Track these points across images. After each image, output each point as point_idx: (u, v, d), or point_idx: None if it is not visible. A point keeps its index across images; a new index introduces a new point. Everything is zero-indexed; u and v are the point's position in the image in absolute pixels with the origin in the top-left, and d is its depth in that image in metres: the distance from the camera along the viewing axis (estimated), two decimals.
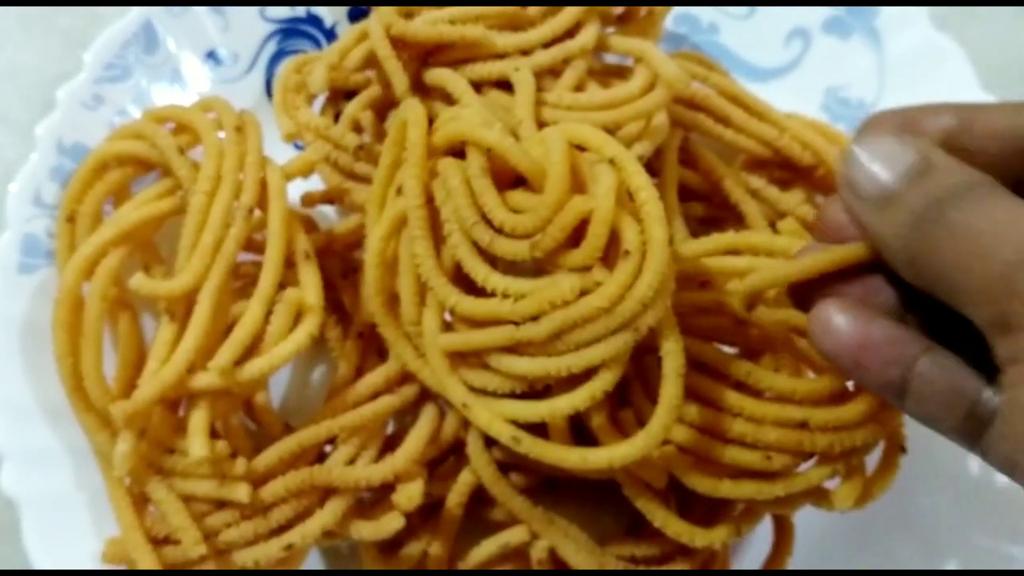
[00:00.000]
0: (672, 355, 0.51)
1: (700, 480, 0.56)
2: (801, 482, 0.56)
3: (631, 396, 0.57)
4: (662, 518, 0.57)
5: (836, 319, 0.44)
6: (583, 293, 0.49)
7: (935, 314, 0.43)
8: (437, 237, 0.54)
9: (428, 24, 0.65)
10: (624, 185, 0.50)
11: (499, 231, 0.51)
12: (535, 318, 0.50)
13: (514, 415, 0.53)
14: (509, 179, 0.53)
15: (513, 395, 0.54)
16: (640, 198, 0.50)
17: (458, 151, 0.54)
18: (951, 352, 0.43)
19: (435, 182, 0.53)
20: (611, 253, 0.50)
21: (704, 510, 0.60)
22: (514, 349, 0.52)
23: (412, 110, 0.54)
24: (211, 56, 0.79)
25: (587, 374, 0.51)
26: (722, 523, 0.59)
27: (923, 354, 0.43)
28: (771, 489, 0.56)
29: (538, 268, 0.52)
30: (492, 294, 0.52)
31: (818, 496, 0.58)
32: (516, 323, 0.51)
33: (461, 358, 0.54)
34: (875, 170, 0.42)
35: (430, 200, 0.54)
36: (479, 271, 0.52)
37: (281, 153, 0.69)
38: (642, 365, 0.57)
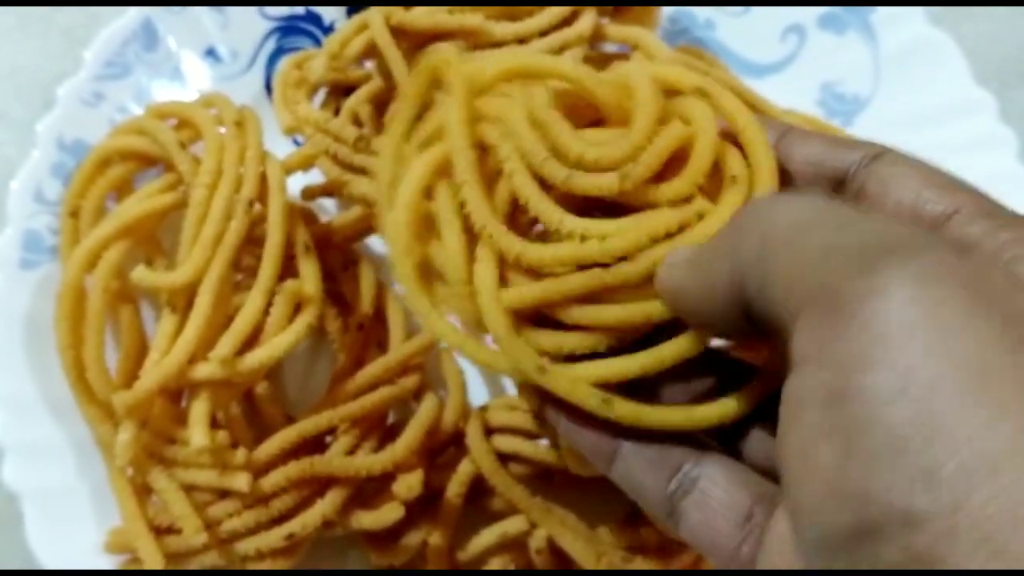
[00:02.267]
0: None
1: None
2: None
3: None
4: None
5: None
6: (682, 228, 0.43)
7: None
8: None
9: (427, 13, 0.66)
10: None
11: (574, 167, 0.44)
12: (625, 259, 0.42)
13: (606, 374, 0.43)
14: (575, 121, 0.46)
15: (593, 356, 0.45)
16: (739, 124, 0.44)
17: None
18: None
19: (483, 125, 0.46)
20: (709, 185, 0.44)
21: None
22: (598, 298, 0.43)
23: (444, 51, 0.48)
24: (211, 53, 0.80)
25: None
26: None
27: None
28: None
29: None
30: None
31: None
32: (605, 265, 0.43)
33: (523, 319, 0.45)
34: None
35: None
36: (552, 214, 0.43)
37: (281, 148, 0.69)
38: None
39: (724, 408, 0.43)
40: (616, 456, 0.43)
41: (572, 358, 0.44)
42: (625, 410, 0.42)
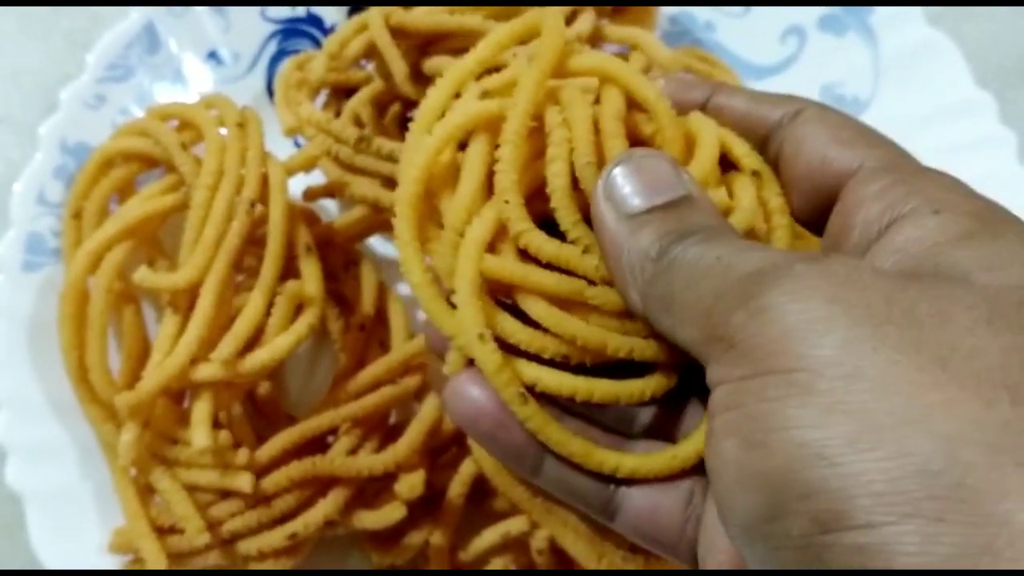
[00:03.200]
0: None
1: None
2: None
3: None
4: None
5: (470, 384, 0.41)
6: None
7: None
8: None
9: (427, 14, 0.66)
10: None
11: None
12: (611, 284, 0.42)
13: (538, 377, 0.41)
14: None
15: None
16: (775, 220, 0.44)
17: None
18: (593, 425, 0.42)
19: (550, 103, 0.44)
20: None
21: None
22: (569, 308, 0.42)
23: (553, 17, 0.45)
24: (212, 56, 0.80)
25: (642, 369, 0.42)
26: None
27: (562, 416, 0.42)
28: None
29: None
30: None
31: None
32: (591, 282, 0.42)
33: (492, 296, 0.43)
34: (632, 187, 0.40)
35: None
36: (569, 213, 0.42)
37: (282, 149, 0.69)
38: None
39: (629, 462, 0.41)
40: (544, 459, 0.42)
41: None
42: (534, 417, 0.41)
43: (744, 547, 0.32)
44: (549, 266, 0.42)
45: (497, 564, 0.63)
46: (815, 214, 0.41)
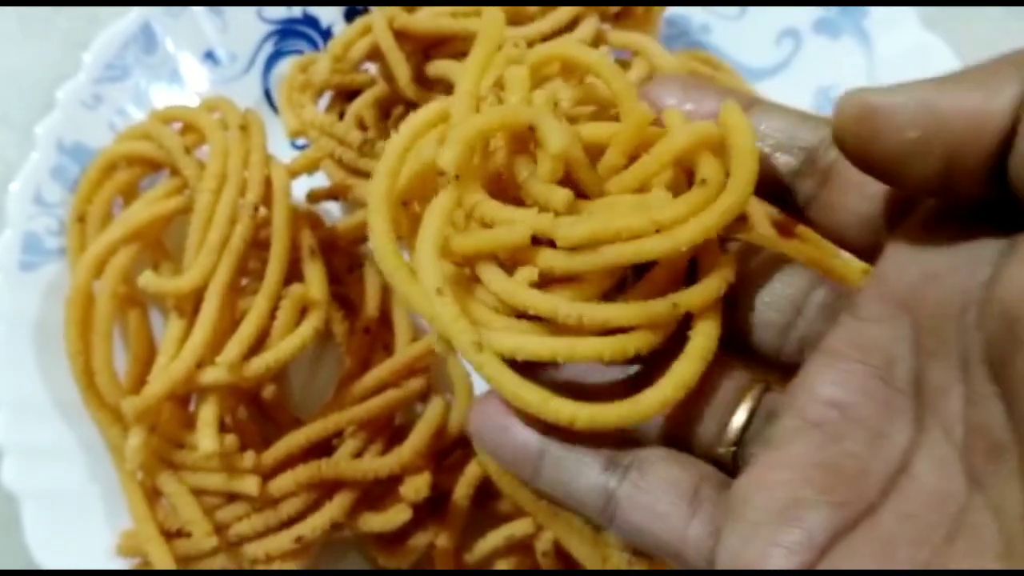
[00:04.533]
0: (705, 336, 0.41)
1: None
2: None
3: None
4: None
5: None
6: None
7: None
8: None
9: (430, 17, 0.66)
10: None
11: None
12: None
13: (517, 346, 0.39)
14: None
15: None
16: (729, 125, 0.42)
17: None
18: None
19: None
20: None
21: None
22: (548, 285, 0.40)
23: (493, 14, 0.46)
24: (209, 56, 0.80)
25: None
26: None
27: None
28: None
29: None
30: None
31: None
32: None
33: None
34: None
35: None
36: (523, 167, 0.41)
37: (284, 152, 0.70)
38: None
39: (586, 411, 0.40)
40: (542, 460, 0.40)
41: None
42: (490, 367, 0.39)
43: None
44: None
45: (502, 566, 0.64)
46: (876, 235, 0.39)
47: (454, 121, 0.42)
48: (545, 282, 0.41)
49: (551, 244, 0.40)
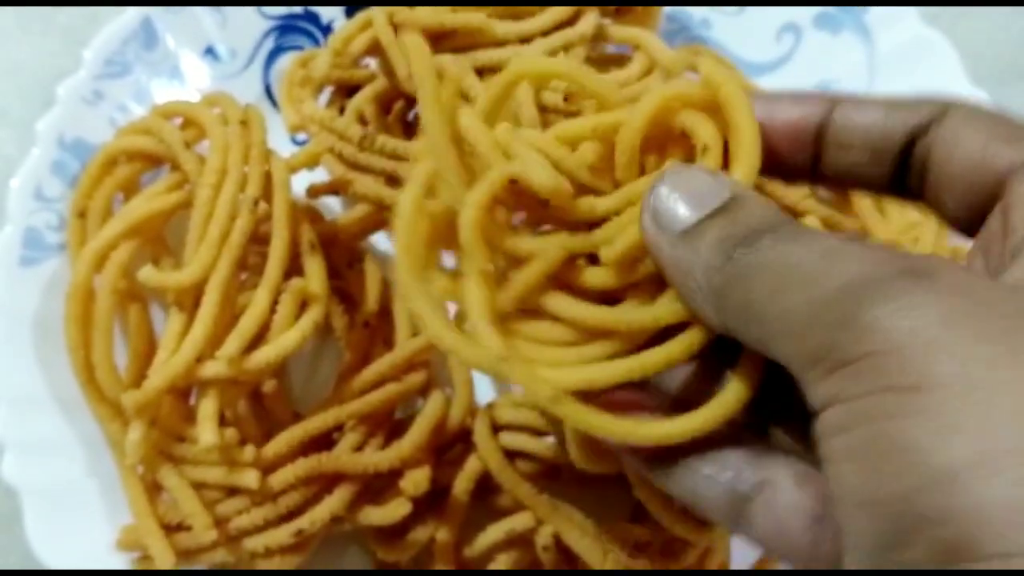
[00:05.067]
0: None
1: None
2: None
3: None
4: (669, 520, 0.58)
5: None
6: None
7: None
8: None
9: (430, 12, 0.67)
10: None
11: None
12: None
13: (586, 379, 0.41)
14: None
15: None
16: (721, 92, 0.42)
17: None
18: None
19: None
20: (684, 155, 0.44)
21: None
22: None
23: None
24: (209, 52, 0.80)
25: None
26: None
27: None
28: None
29: None
30: None
31: None
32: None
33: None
34: (681, 206, 0.38)
35: None
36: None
37: (284, 147, 0.70)
38: None
39: (676, 426, 0.41)
40: (674, 469, 0.41)
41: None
42: (575, 410, 0.40)
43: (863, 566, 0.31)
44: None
45: (502, 560, 0.64)
46: (970, 217, 0.39)
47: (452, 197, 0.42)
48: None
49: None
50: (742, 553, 0.65)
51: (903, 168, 0.41)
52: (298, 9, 0.82)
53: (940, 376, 0.29)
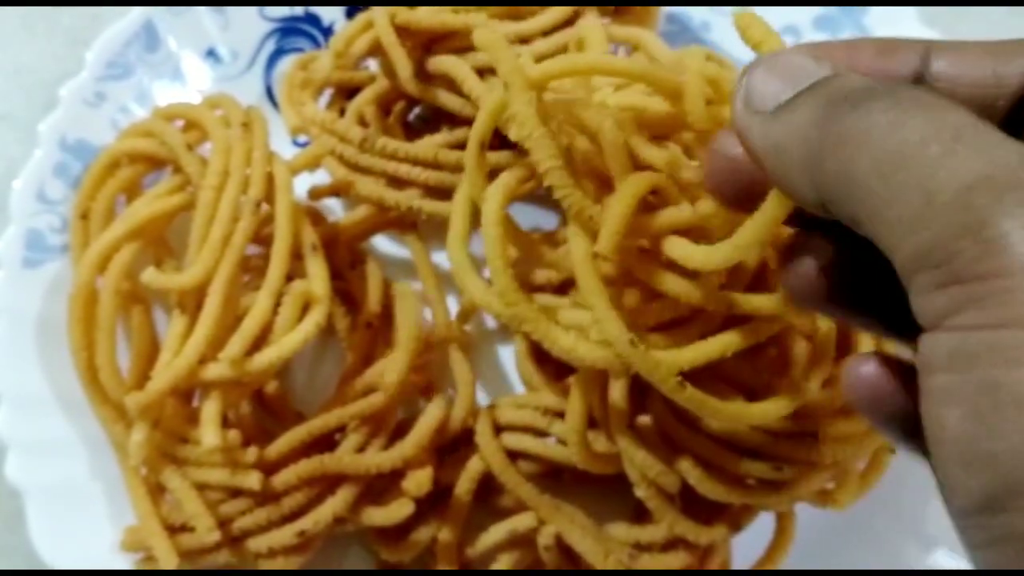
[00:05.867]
0: None
1: (713, 487, 0.57)
2: (803, 489, 0.58)
3: (650, 403, 0.59)
4: (670, 519, 0.59)
5: (860, 363, 0.36)
6: None
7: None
8: None
9: (431, 13, 0.67)
10: None
11: None
12: None
13: (694, 356, 0.48)
14: None
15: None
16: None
17: None
18: None
19: None
20: None
21: (706, 505, 0.61)
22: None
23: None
24: (211, 54, 0.80)
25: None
26: (723, 519, 0.61)
27: None
28: (778, 496, 0.58)
29: None
30: None
31: (818, 496, 0.59)
32: None
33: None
34: (774, 83, 0.34)
35: None
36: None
37: (285, 149, 0.70)
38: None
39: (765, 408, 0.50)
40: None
41: None
42: (695, 396, 0.47)
43: (961, 530, 0.28)
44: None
45: (504, 560, 0.64)
46: None
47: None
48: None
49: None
50: (743, 553, 0.65)
51: (1017, 122, 0.35)
52: (299, 11, 0.82)
53: None
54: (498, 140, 0.51)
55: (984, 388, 0.26)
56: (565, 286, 0.64)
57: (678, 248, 0.46)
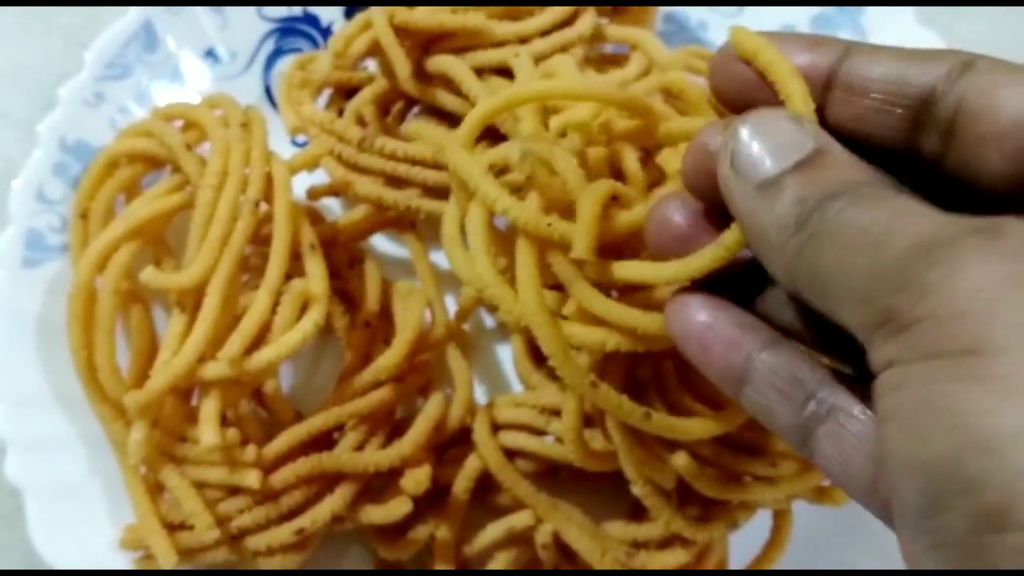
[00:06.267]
0: None
1: (709, 484, 0.58)
2: (799, 485, 0.58)
3: (648, 400, 0.59)
4: (667, 516, 0.59)
5: (690, 303, 0.41)
6: None
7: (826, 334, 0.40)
8: None
9: (429, 13, 0.67)
10: None
11: None
12: None
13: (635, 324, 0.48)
14: None
15: None
16: (760, 58, 0.42)
17: None
18: (800, 345, 0.40)
19: None
20: None
21: (703, 502, 0.61)
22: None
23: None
24: (210, 54, 0.80)
25: None
26: (720, 516, 0.61)
27: (770, 344, 0.40)
28: (774, 493, 0.58)
29: None
30: None
31: (815, 493, 0.60)
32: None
33: None
34: (761, 155, 0.36)
35: None
36: None
37: (284, 149, 0.70)
38: (660, 371, 0.59)
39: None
40: (745, 381, 0.40)
41: None
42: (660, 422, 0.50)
43: (908, 541, 0.30)
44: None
45: (502, 558, 0.64)
46: (1019, 176, 0.35)
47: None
48: None
49: None
50: (740, 552, 0.65)
51: (917, 126, 0.37)
52: (298, 11, 0.82)
53: (997, 340, 0.28)
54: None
55: (922, 402, 0.29)
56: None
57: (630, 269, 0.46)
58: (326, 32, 0.82)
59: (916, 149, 0.38)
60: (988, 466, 0.27)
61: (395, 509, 0.62)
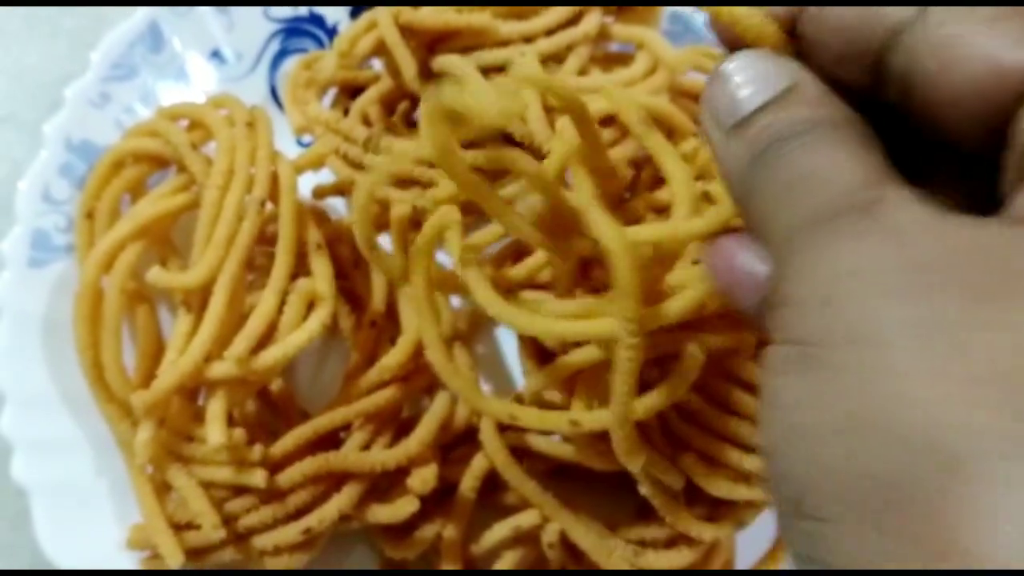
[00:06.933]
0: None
1: (716, 483, 0.58)
2: None
3: None
4: (675, 516, 0.59)
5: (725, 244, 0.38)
6: None
7: None
8: None
9: (435, 12, 0.67)
10: None
11: None
12: None
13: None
14: None
15: None
16: None
17: None
18: None
19: None
20: None
21: (710, 502, 0.61)
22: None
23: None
24: (216, 55, 0.81)
25: None
26: (727, 516, 0.61)
27: None
28: None
29: None
30: None
31: None
32: None
33: None
34: (738, 92, 0.35)
35: None
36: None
37: (290, 149, 0.70)
38: (667, 371, 0.59)
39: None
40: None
41: None
42: None
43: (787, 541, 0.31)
44: None
45: (508, 558, 0.64)
46: (982, 137, 0.31)
47: None
48: None
49: None
50: (747, 552, 0.65)
51: (878, 82, 0.34)
52: (303, 12, 0.82)
53: (834, 331, 0.28)
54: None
55: (766, 390, 0.30)
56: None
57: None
58: (332, 32, 0.82)
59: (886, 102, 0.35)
60: (791, 461, 0.28)
61: (402, 508, 0.62)
